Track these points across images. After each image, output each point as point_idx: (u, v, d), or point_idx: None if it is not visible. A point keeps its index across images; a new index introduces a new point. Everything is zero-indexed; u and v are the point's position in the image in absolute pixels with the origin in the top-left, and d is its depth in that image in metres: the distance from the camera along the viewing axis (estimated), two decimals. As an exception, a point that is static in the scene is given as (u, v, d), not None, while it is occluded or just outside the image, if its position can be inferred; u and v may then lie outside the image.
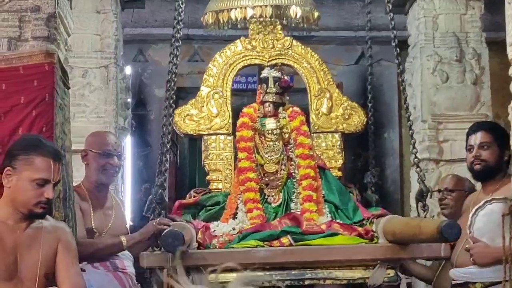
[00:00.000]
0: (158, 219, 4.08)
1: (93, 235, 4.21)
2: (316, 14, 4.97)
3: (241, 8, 4.84)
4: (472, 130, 4.41)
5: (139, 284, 4.59)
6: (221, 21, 4.90)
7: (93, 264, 4.13)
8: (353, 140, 5.13)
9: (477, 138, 4.32)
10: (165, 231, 3.76)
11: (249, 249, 4.04)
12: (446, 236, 3.58)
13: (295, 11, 4.87)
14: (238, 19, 4.87)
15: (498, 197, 4.06)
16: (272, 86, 4.57)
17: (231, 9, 4.85)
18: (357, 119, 4.84)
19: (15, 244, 3.29)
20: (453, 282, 4.27)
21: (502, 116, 4.64)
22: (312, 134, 4.73)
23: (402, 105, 9.35)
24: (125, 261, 4.32)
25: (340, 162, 4.78)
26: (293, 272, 4.04)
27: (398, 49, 4.68)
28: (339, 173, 4.75)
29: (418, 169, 4.48)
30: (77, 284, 3.39)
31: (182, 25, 4.57)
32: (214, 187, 4.70)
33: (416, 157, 4.51)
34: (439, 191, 5.01)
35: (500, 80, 5.86)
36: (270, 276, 4.01)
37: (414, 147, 4.59)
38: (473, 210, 4.13)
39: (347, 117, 4.83)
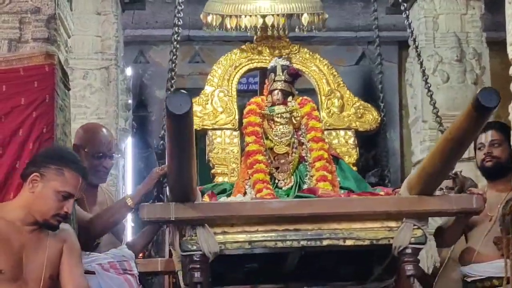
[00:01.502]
0: (161, 166, 3.91)
1: None
2: (325, 16, 4.90)
3: (251, 15, 4.75)
4: (482, 129, 4.41)
5: (140, 286, 4.56)
6: (228, 26, 4.83)
7: (103, 267, 4.07)
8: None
9: (488, 136, 4.31)
10: (171, 93, 3.46)
11: (262, 200, 3.76)
12: (484, 103, 3.11)
13: (307, 19, 4.80)
14: (248, 26, 4.79)
15: None
16: (281, 74, 4.47)
17: (240, 16, 4.76)
18: (371, 117, 4.76)
19: (21, 245, 3.28)
20: (470, 279, 4.19)
21: (503, 116, 4.62)
22: (324, 131, 4.57)
23: (403, 105, 9.36)
24: (131, 261, 4.29)
25: (354, 158, 4.67)
26: (309, 233, 3.66)
27: (418, 48, 4.66)
28: (354, 168, 4.61)
29: (435, 110, 4.39)
30: (80, 285, 3.40)
31: (182, 24, 4.54)
32: (219, 181, 4.58)
33: (434, 107, 4.46)
34: (440, 189, 5.00)
35: (501, 80, 5.85)
36: (284, 236, 3.65)
37: (431, 99, 4.49)
38: (504, 202, 4.09)
39: (360, 115, 4.75)
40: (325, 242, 3.68)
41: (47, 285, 3.32)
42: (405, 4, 4.73)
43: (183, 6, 4.63)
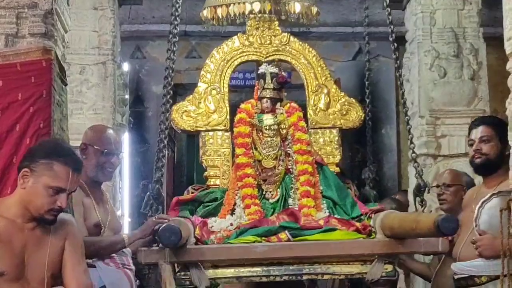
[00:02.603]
0: (157, 215, 4.11)
1: (100, 229, 4.20)
2: (315, 9, 4.95)
3: (239, 3, 4.82)
4: (474, 125, 4.41)
5: (137, 281, 4.60)
6: (220, 16, 4.88)
7: (104, 261, 4.13)
8: (351, 135, 5.15)
9: (478, 132, 4.31)
10: (162, 226, 3.75)
11: (247, 245, 4.03)
12: (443, 230, 3.55)
13: (294, 7, 4.85)
14: (237, 14, 4.84)
15: (505, 189, 4.03)
16: (270, 81, 4.55)
17: (229, 4, 4.83)
18: (355, 115, 4.83)
19: (23, 245, 3.27)
20: (456, 277, 4.22)
21: (500, 111, 4.63)
22: (310, 130, 4.71)
23: (399, 101, 9.37)
24: (129, 257, 4.33)
25: (338, 158, 4.76)
26: (291, 268, 4.03)
27: (395, 44, 4.68)
28: (337, 169, 4.73)
29: (415, 164, 4.47)
30: (83, 283, 3.38)
31: (179, 21, 4.57)
32: (211, 183, 4.68)
33: (413, 151, 4.50)
34: (437, 186, 5.02)
35: (498, 75, 5.86)
36: (268, 271, 4.02)
37: (411, 142, 4.58)
38: (480, 203, 4.10)
39: (344, 112, 4.82)
40: (305, 277, 4.11)
41: (49, 284, 3.30)
42: (387, 0, 4.75)
43: (180, 3, 4.65)
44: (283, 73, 4.63)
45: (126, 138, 8.19)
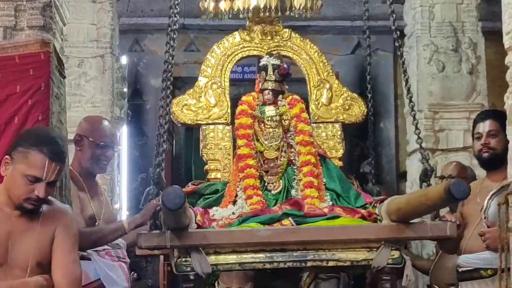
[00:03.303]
0: (158, 198, 4.03)
1: (94, 222, 4.19)
2: (319, 3, 4.92)
3: (244, -3, 4.79)
4: (480, 118, 4.38)
5: (135, 273, 4.59)
6: (222, 10, 4.85)
7: (99, 253, 4.12)
8: (350, 130, 5.13)
9: (486, 126, 4.29)
10: (166, 189, 3.62)
11: (250, 229, 3.93)
12: (455, 195, 3.42)
13: (300, 2, 4.81)
14: (241, 9, 4.81)
15: None
16: (272, 73, 4.54)
17: (233, -1, 4.81)
18: (358, 110, 4.81)
19: (7, 232, 3.23)
20: (461, 269, 4.20)
21: (498, 105, 4.62)
22: (312, 124, 4.69)
23: (398, 95, 9.37)
24: (124, 250, 4.32)
25: (340, 152, 4.74)
26: (295, 254, 3.92)
27: (398, 33, 4.65)
28: (340, 163, 4.69)
29: (421, 149, 4.44)
30: (71, 273, 3.30)
31: (178, 14, 4.55)
32: (212, 176, 4.66)
33: (419, 137, 4.46)
34: (442, 177, 5.01)
35: (496, 69, 5.87)
36: (272, 258, 3.91)
37: (417, 128, 4.54)
38: (489, 195, 4.09)
39: (347, 107, 4.80)
40: (309, 263, 3.97)
41: (35, 271, 3.24)
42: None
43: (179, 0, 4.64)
44: (284, 65, 4.61)
45: (124, 131, 8.20)
